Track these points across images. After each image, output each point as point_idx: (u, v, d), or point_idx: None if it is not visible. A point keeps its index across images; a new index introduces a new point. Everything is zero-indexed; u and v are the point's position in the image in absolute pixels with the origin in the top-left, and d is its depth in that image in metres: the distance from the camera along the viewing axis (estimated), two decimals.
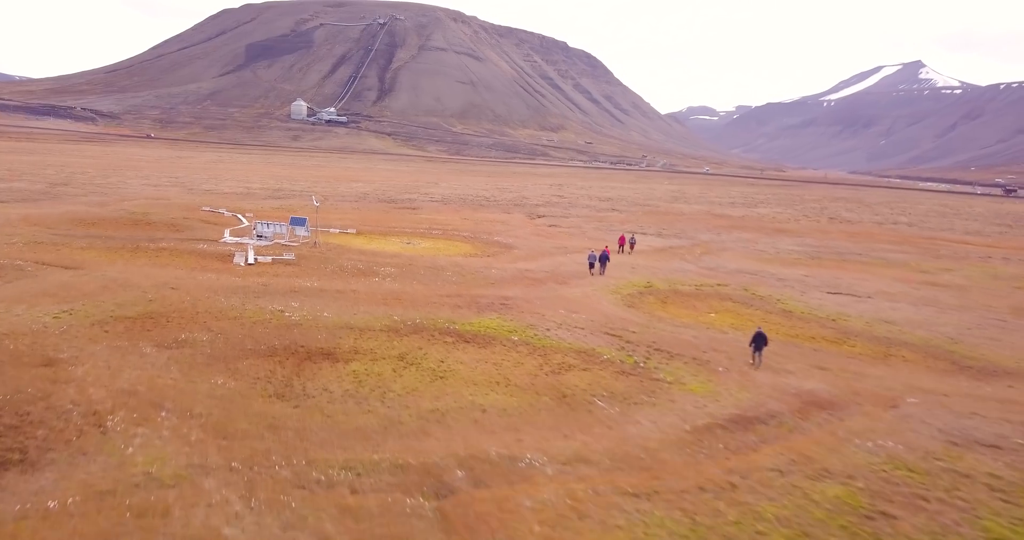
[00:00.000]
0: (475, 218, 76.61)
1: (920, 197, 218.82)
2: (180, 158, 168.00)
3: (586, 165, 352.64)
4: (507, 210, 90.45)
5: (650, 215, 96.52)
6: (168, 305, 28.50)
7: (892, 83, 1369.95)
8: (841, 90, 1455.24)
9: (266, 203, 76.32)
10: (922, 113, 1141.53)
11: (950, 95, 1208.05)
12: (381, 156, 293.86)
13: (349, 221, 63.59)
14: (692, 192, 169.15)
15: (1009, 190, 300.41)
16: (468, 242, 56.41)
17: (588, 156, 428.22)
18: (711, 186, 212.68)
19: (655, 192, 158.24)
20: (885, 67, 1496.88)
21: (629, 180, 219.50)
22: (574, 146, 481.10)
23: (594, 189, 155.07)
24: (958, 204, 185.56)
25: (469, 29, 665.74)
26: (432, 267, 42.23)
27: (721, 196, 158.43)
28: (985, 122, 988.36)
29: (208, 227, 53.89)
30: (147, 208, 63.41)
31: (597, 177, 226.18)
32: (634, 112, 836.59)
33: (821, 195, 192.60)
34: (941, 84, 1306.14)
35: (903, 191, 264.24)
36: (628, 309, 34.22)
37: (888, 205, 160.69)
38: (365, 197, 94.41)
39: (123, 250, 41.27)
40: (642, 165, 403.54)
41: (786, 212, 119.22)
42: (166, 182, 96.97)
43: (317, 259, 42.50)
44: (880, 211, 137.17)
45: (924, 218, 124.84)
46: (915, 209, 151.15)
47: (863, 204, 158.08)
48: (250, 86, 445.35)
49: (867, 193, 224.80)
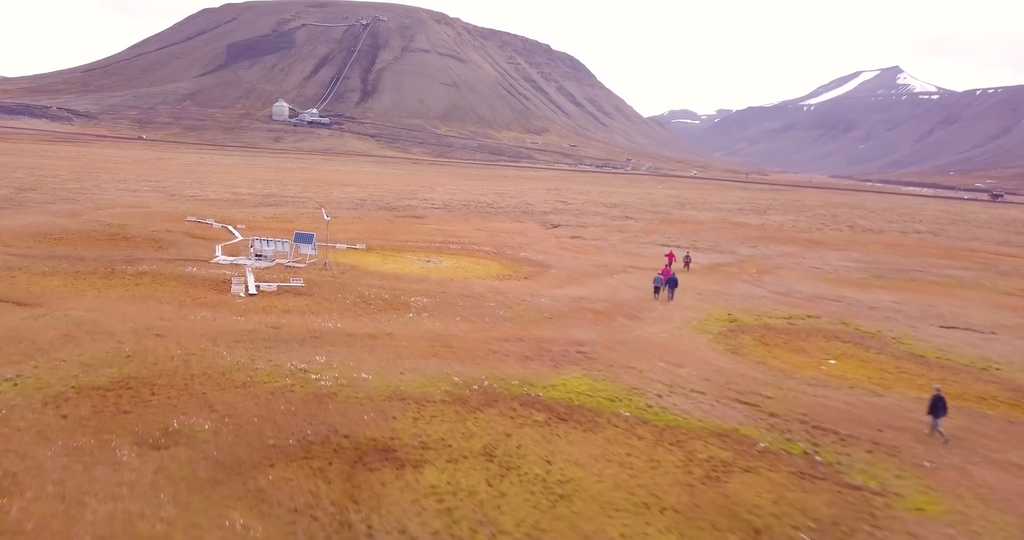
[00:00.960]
0: (488, 229, 69.47)
1: (915, 202, 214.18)
2: (160, 160, 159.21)
3: (572, 168, 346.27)
4: (518, 218, 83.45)
5: (668, 224, 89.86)
6: (152, 364, 21.15)
7: (871, 88, 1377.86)
8: (821, 95, 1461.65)
9: (257, 212, 68.67)
10: (900, 118, 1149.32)
11: (927, 100, 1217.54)
12: (366, 158, 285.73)
13: (354, 234, 56.24)
14: (693, 197, 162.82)
15: (996, 195, 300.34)
16: (494, 259, 49.25)
17: (573, 159, 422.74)
18: (707, 191, 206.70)
19: (656, 197, 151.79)
20: (864, 72, 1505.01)
21: (622, 184, 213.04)
22: (558, 149, 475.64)
23: (593, 194, 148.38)
24: (958, 210, 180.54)
25: (452, 31, 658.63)
26: (469, 295, 35.08)
27: (724, 201, 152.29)
28: (962, 127, 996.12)
29: (196, 243, 46.30)
30: (125, 219, 55.63)
31: (589, 181, 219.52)
32: (617, 115, 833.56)
33: (821, 200, 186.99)
34: (918, 89, 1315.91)
35: (894, 196, 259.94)
36: (734, 357, 27.25)
37: (893, 211, 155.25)
38: (362, 204, 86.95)
39: (95, 276, 33.77)
40: (627, 168, 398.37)
41: (801, 220, 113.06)
42: (145, 187, 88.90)
43: (331, 286, 35.19)
44: (892, 218, 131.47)
45: (941, 226, 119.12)
46: (922, 216, 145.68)
47: (869, 210, 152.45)
48: (231, 86, 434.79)
49: (862, 198, 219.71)
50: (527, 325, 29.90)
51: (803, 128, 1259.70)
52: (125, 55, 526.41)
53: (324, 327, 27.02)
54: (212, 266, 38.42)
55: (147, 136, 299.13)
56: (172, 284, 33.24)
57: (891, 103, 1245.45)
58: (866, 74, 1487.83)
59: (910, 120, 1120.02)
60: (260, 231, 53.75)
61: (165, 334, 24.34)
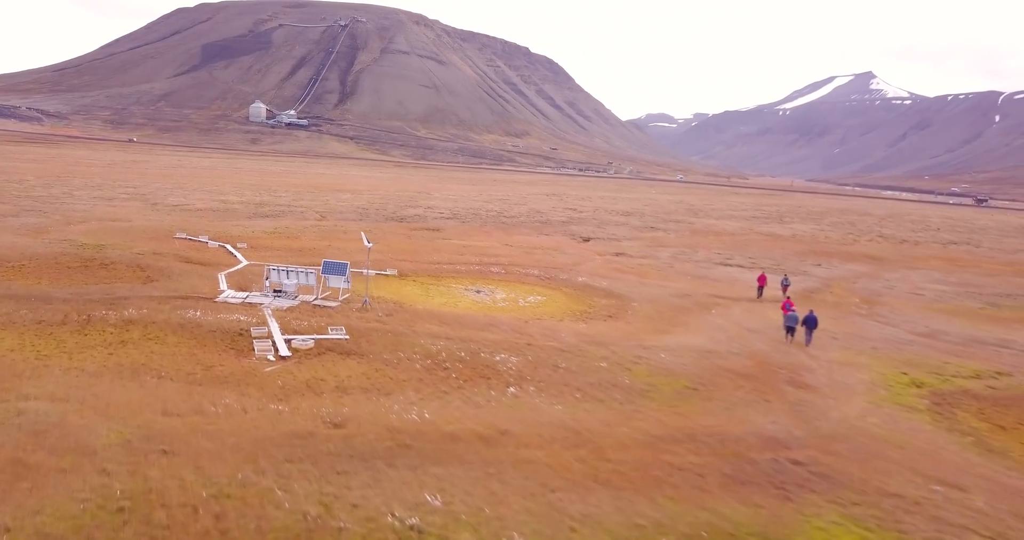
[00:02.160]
0: (518, 244, 60.86)
1: (913, 208, 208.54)
2: (135, 162, 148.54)
3: (555, 172, 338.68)
4: (540, 230, 74.96)
5: (700, 235, 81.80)
6: (162, 527, 12.34)
7: (844, 93, 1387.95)
8: (796, 99, 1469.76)
9: (255, 225, 59.41)
10: (874, 123, 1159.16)
11: (900, 105, 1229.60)
12: (348, 161, 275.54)
13: (375, 253, 47.44)
14: (697, 203, 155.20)
15: (980, 200, 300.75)
16: (553, 287, 40.64)
17: (555, 162, 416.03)
18: (704, 196, 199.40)
19: (661, 203, 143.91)
20: (838, 77, 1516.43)
21: (615, 189, 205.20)
22: (539, 152, 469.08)
23: (596, 200, 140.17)
24: (961, 216, 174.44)
25: (432, 32, 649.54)
26: (564, 349, 26.47)
27: (732, 208, 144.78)
28: (934, 132, 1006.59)
29: (192, 270, 37.13)
30: (102, 237, 46.21)
31: (582, 185, 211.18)
32: (596, 119, 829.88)
33: (823, 206, 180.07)
34: (891, 94, 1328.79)
35: (884, 201, 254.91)
36: (994, 458, 18.91)
37: (902, 218, 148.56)
38: (366, 214, 77.89)
39: (64, 329, 24.67)
40: (610, 172, 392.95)
41: (825, 229, 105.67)
42: (123, 194, 79.13)
43: (382, 336, 26.38)
44: (909, 226, 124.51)
45: (965, 235, 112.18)
46: (933, 223, 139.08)
47: (879, 217, 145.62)
48: (206, 87, 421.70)
49: (859, 203, 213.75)
50: (676, 405, 21.34)
51: (779, 132, 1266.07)
52: (97, 54, 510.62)
53: (408, 422, 18.23)
54: (219, 307, 29.37)
55: (121, 137, 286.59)
56: (172, 340, 24.22)
57: (865, 108, 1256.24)
58: (840, 79, 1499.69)
59: (883, 125, 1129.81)
60: (266, 252, 44.73)
61: (175, 449, 15.45)
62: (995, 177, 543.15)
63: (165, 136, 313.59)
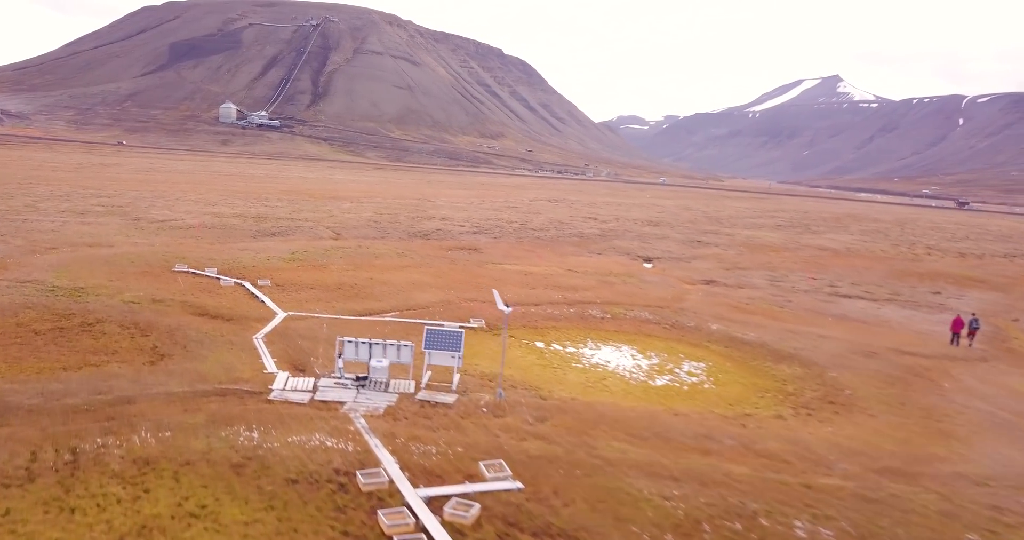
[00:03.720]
0: (581, 268, 50.52)
1: (907, 212, 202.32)
2: (104, 166, 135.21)
3: (535, 174, 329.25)
4: (588, 247, 64.82)
5: (760, 252, 72.13)
6: None
7: (812, 96, 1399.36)
8: (765, 102, 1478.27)
9: (265, 248, 48.12)
10: (842, 126, 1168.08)
11: (867, 108, 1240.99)
12: (325, 163, 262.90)
13: (431, 289, 36.83)
14: (705, 208, 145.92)
15: (962, 203, 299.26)
16: (695, 344, 30.36)
17: (532, 165, 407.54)
18: (703, 200, 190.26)
19: (672, 210, 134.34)
20: (806, 80, 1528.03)
21: (606, 193, 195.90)
22: (515, 154, 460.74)
23: (603, 206, 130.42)
24: (968, 221, 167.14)
25: (405, 33, 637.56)
26: (877, 500, 16.18)
27: (747, 214, 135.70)
28: (900, 135, 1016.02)
29: (214, 331, 26.03)
30: (78, 274, 34.77)
31: (572, 189, 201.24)
32: (570, 120, 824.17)
33: (829, 212, 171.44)
34: (858, 97, 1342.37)
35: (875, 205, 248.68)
36: None
37: (914, 223, 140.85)
38: (382, 228, 66.89)
39: (29, 496, 13.66)
40: (588, 174, 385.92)
41: (867, 240, 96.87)
42: (96, 206, 67.20)
43: (569, 480, 15.77)
44: (941, 235, 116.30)
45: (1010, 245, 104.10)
46: (949, 229, 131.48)
47: (893, 224, 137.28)
48: (174, 87, 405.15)
49: (853, 207, 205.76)
50: None
51: (749, 135, 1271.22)
52: (60, 53, 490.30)
53: None
54: (281, 413, 18.45)
55: (85, 138, 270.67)
56: (232, 515, 13.37)
57: (833, 111, 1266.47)
58: (808, 82, 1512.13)
59: (851, 128, 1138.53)
60: (299, 293, 33.80)
61: None
62: (962, 179, 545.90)
63: (133, 137, 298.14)
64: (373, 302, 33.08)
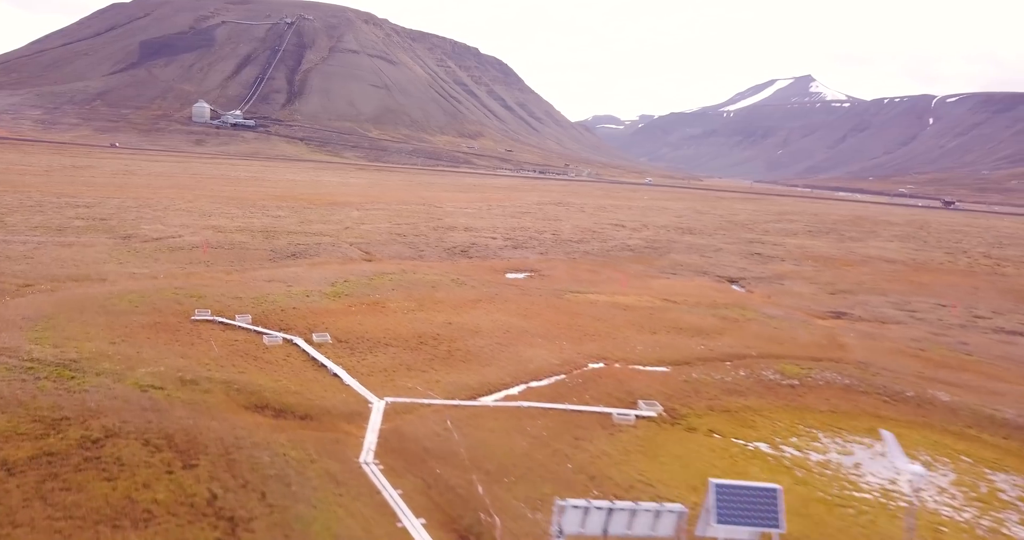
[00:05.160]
0: (679, 298, 44.23)
1: (906, 213, 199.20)
2: (76, 168, 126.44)
3: (516, 174, 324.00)
4: (662, 268, 58.37)
5: (834, 267, 66.02)
6: None
7: (786, 96, 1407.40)
8: (739, 101, 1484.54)
9: (296, 278, 40.97)
10: (815, 125, 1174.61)
11: (839, 108, 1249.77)
12: (306, 164, 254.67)
13: (534, 339, 30.10)
14: (720, 212, 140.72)
15: (948, 202, 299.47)
16: (960, 435, 24.15)
17: (513, 164, 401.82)
18: (700, 201, 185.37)
19: (690, 214, 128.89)
20: (779, 80, 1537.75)
21: (601, 195, 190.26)
22: (495, 154, 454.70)
23: (611, 210, 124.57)
24: (970, 222, 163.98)
25: (381, 32, 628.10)
26: None
27: (757, 218, 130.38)
28: (872, 134, 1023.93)
29: (285, 442, 18.72)
30: (64, 332, 26.84)
31: (568, 191, 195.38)
32: (547, 120, 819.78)
33: (838, 213, 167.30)
34: (830, 97, 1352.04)
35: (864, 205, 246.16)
36: None
37: (930, 226, 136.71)
38: (410, 243, 59.93)
39: None
40: (570, 174, 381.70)
41: (909, 247, 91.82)
42: (75, 218, 59.50)
43: None
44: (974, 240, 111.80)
45: None
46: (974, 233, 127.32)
47: (915, 227, 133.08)
48: (145, 86, 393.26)
49: (856, 208, 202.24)
50: None
51: (724, 134, 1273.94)
52: (26, 51, 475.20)
53: None
54: None
55: (54, 139, 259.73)
56: None
57: (806, 110, 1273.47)
58: (781, 82, 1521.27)
59: (824, 127, 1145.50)
60: (374, 357, 26.98)
61: None
62: (935, 178, 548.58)
63: (103, 137, 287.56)
64: (480, 368, 25.91)
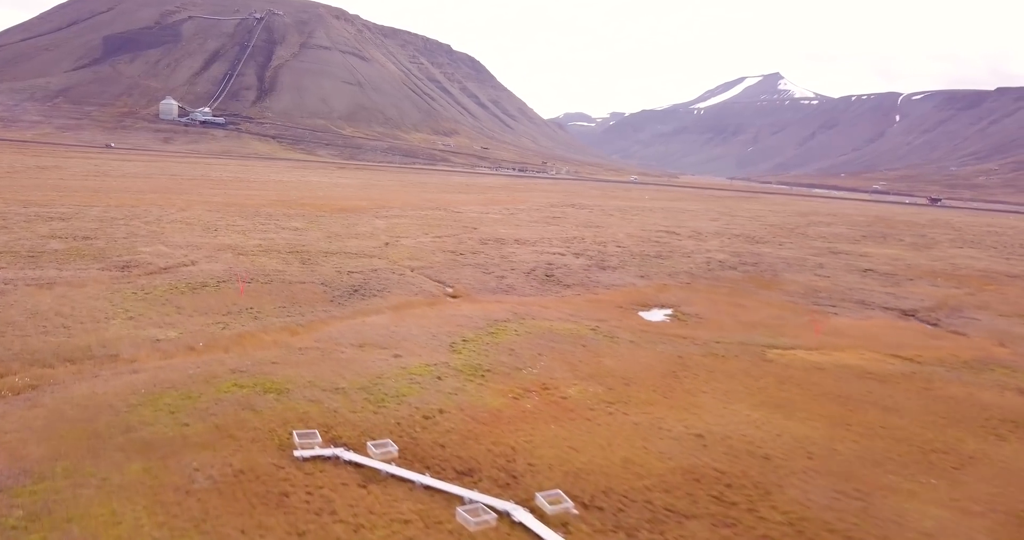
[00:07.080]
0: (908, 353, 34.38)
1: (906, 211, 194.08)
2: (43, 169, 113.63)
3: (495, 172, 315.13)
4: (819, 301, 48.37)
5: (967, 285, 57.16)
6: None
7: (754, 93, 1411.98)
8: (709, 99, 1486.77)
9: (396, 339, 30.52)
10: (784, 122, 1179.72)
11: (807, 105, 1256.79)
12: (283, 162, 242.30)
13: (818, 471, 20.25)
14: (730, 212, 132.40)
15: (934, 199, 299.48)
16: None
17: (490, 162, 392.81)
18: (701, 202, 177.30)
19: (719, 217, 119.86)
20: (748, 78, 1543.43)
21: (600, 195, 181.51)
22: (471, 152, 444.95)
23: (635, 213, 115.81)
24: (978, 221, 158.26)
25: (353, 28, 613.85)
26: None
27: (788, 221, 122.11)
28: (840, 131, 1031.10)
29: None
30: (70, 509, 16.33)
31: (564, 191, 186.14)
32: (521, 117, 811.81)
33: (863, 214, 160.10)
34: (799, 95, 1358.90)
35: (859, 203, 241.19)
36: None
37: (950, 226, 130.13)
38: (486, 269, 49.63)
39: None
40: (549, 173, 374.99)
41: (984, 254, 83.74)
42: (51, 237, 48.16)
43: None
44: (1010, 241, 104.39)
45: None
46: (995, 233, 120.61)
47: (944, 228, 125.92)
48: (110, 82, 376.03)
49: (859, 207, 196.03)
50: None
51: (694, 131, 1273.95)
52: None
53: None
54: None
55: (14, 137, 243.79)
56: None
57: (775, 108, 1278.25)
58: (750, 80, 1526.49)
59: (793, 124, 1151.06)
60: (618, 512, 16.67)
61: None
62: (904, 175, 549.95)
63: (66, 135, 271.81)
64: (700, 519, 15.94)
